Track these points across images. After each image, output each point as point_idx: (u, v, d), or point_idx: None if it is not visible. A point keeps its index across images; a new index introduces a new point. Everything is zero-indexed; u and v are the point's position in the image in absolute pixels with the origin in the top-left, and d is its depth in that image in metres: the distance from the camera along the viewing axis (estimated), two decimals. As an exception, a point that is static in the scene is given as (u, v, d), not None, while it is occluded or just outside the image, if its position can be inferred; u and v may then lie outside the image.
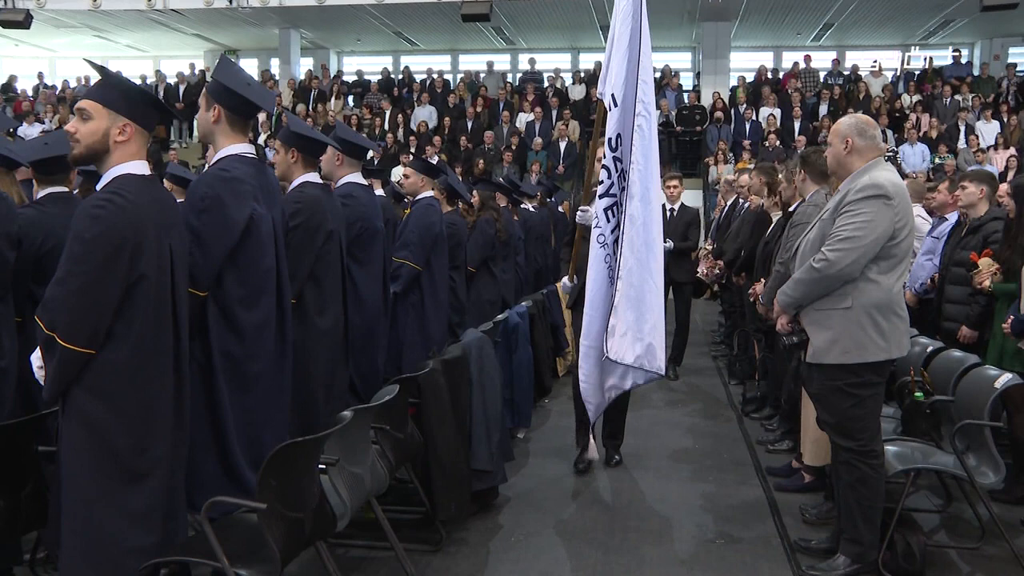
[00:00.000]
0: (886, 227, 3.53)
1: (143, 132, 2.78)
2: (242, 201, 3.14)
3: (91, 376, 2.60)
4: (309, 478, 2.94)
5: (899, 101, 16.25)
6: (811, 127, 15.24)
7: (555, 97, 16.91)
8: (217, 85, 3.24)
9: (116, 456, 2.63)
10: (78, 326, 2.56)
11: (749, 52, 19.35)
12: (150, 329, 2.67)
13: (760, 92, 16.55)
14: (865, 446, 3.63)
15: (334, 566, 3.23)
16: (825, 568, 3.76)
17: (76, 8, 16.67)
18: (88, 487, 2.63)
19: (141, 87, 2.95)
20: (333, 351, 3.88)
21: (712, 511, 4.63)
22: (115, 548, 2.64)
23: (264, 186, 3.30)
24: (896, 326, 3.61)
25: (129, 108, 2.73)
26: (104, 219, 2.58)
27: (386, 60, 20.47)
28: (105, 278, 2.57)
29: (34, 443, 3.00)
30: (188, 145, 16.79)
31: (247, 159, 3.26)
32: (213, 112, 3.22)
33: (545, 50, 20.03)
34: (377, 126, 16.68)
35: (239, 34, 19.49)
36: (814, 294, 3.64)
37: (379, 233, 4.42)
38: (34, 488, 2.98)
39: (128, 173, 2.70)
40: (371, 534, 3.77)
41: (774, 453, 5.63)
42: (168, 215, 2.80)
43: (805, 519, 4.43)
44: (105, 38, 19.66)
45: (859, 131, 3.70)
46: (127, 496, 2.65)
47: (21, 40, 19.06)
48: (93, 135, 2.70)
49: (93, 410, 2.61)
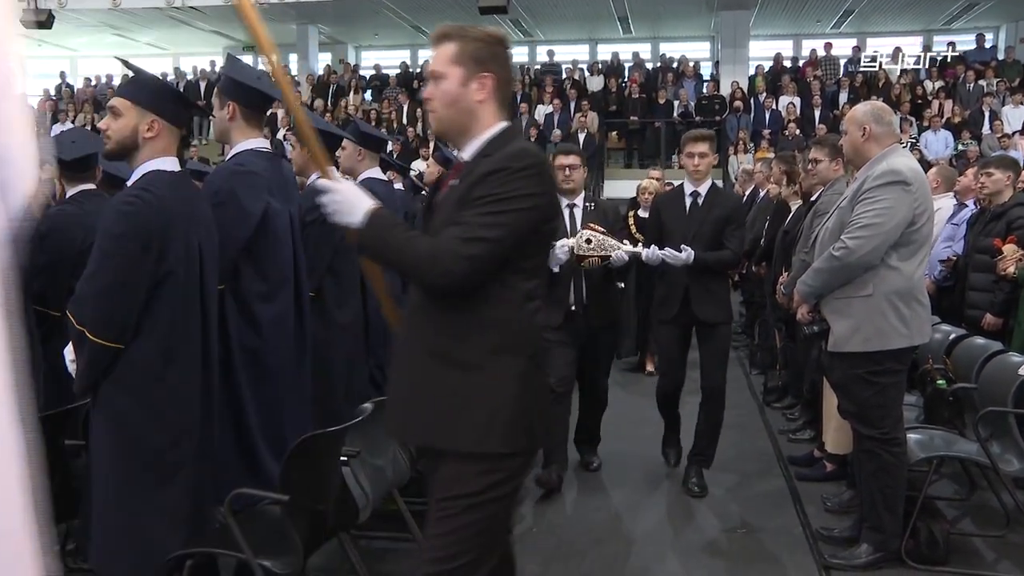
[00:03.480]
0: (905, 213, 3.50)
1: (173, 128, 2.81)
2: (256, 195, 3.16)
3: (120, 370, 2.64)
4: (331, 470, 2.97)
5: (921, 87, 16.08)
6: (832, 115, 15.12)
7: (573, 89, 16.85)
8: (228, 82, 3.26)
9: (144, 450, 2.66)
10: (106, 321, 2.60)
11: (768, 41, 19.22)
12: (177, 324, 2.71)
13: (779, 81, 16.43)
14: (887, 434, 3.61)
15: (357, 557, 3.25)
16: (847, 557, 3.75)
17: (97, 7, 16.81)
18: (117, 481, 2.67)
19: (168, 84, 2.98)
20: (353, 344, 3.90)
21: (734, 500, 4.62)
22: (144, 541, 2.68)
23: (280, 180, 3.32)
24: (917, 313, 3.58)
25: (157, 104, 2.76)
26: (132, 215, 2.62)
27: (404, 54, 20.49)
28: (133, 273, 2.61)
29: (61, 436, 3.04)
30: (208, 142, 16.89)
31: (262, 153, 3.29)
32: (227, 109, 3.24)
33: (563, 41, 19.99)
34: (396, 120, 16.71)
35: (257, 30, 19.52)
36: (834, 283, 3.62)
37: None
38: (62, 481, 3.02)
39: (158, 169, 2.74)
40: (393, 526, 3.79)
41: (796, 442, 5.60)
42: (197, 211, 2.83)
43: (827, 508, 4.42)
44: (125, 36, 19.80)
45: (876, 118, 3.68)
46: (156, 490, 2.69)
47: (43, 40, 19.24)
48: (123, 132, 2.74)
49: (122, 404, 2.65)
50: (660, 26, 19.51)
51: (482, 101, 2.19)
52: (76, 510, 3.12)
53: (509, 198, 2.06)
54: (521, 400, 2.13)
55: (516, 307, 2.14)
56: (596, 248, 4.39)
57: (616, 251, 4.42)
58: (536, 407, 2.18)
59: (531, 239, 2.13)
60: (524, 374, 2.14)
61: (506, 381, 2.13)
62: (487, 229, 2.05)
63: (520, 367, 2.14)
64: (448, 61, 2.19)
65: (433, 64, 2.21)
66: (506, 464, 2.15)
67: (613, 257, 4.42)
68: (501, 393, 2.12)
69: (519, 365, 2.14)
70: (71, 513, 3.14)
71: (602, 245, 4.40)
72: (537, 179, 2.11)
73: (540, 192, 2.11)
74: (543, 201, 2.13)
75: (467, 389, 2.12)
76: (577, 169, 4.69)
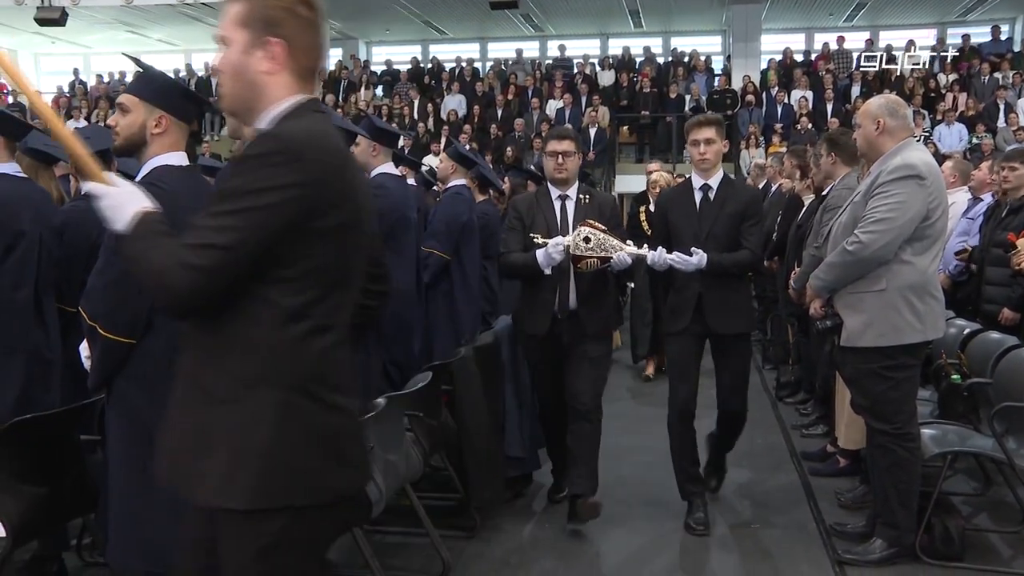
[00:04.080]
0: (919, 208, 3.48)
1: (181, 124, 2.81)
2: None
3: (132, 365, 2.65)
4: (344, 465, 2.97)
5: (934, 80, 15.98)
6: (844, 109, 15.03)
7: (584, 83, 16.82)
8: None
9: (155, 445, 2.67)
10: (117, 316, 2.61)
11: (780, 35, 19.11)
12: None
13: (792, 75, 16.36)
14: (901, 429, 3.60)
15: (370, 552, 3.26)
16: (861, 552, 3.74)
17: (110, 4, 16.86)
18: (131, 475, 2.68)
19: (176, 80, 2.98)
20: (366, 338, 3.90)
21: (747, 496, 4.62)
22: (157, 536, 2.69)
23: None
24: (932, 307, 3.57)
25: (164, 101, 2.76)
26: None
27: (415, 49, 20.47)
28: None
29: (76, 432, 3.05)
30: (220, 138, 16.93)
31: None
32: None
33: (574, 36, 19.92)
34: (407, 115, 16.72)
35: (269, 26, 19.57)
36: (848, 277, 3.61)
37: (412, 223, 4.45)
38: (77, 476, 3.03)
39: (165, 164, 2.75)
40: (406, 521, 3.81)
41: (809, 438, 5.59)
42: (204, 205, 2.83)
43: (840, 503, 4.41)
44: (138, 33, 19.85)
45: (890, 111, 3.65)
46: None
47: (57, 37, 19.32)
48: (131, 128, 2.74)
49: (134, 399, 2.66)
50: (671, 20, 19.44)
51: (270, 72, 1.80)
52: (93, 505, 3.14)
53: (248, 192, 1.66)
54: (279, 443, 1.69)
55: (275, 328, 1.71)
56: (595, 248, 3.89)
57: (618, 252, 3.89)
58: (310, 451, 1.72)
59: (292, 242, 1.69)
60: (288, 411, 1.70)
61: (260, 419, 1.69)
62: (218, 233, 1.65)
63: (281, 401, 1.70)
64: (233, 23, 1.82)
65: (219, 26, 1.86)
66: (266, 526, 1.69)
67: (614, 259, 3.90)
68: (252, 434, 1.69)
69: (280, 399, 1.70)
70: (88, 508, 3.16)
71: (602, 245, 3.89)
72: (289, 167, 1.67)
73: (293, 183, 1.67)
74: (299, 193, 1.67)
75: (212, 427, 1.72)
76: (572, 156, 4.15)
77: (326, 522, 1.80)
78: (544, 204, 4.17)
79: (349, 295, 1.84)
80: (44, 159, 3.92)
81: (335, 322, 1.78)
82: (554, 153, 4.14)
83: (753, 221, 4.14)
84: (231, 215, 1.66)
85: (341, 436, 1.79)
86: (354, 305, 1.88)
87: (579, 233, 3.91)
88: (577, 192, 4.20)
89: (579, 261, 3.92)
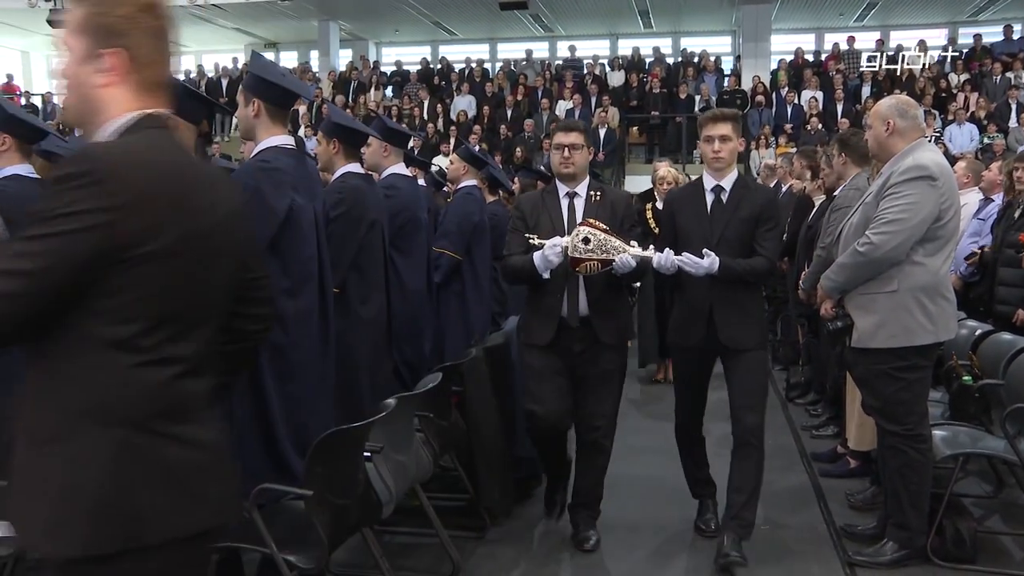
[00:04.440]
0: (931, 209, 3.47)
1: (189, 126, 2.83)
2: (282, 191, 3.17)
3: None
4: (355, 465, 2.99)
5: (945, 80, 15.91)
6: (854, 110, 14.98)
7: (594, 84, 16.80)
8: (254, 79, 3.27)
9: None
10: None
11: (790, 35, 19.06)
12: None
13: (801, 75, 16.31)
14: (912, 430, 3.59)
15: (380, 552, 3.27)
16: (872, 554, 3.73)
17: (120, 6, 16.94)
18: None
19: (184, 82, 2.99)
20: (377, 340, 3.91)
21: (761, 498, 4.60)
22: None
23: (304, 177, 3.33)
24: (943, 309, 3.56)
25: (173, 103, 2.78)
26: None
27: (424, 50, 20.49)
28: None
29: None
30: (229, 139, 16.98)
31: (287, 150, 3.29)
32: (252, 107, 3.25)
33: (584, 37, 19.91)
34: (416, 116, 16.74)
35: (278, 27, 19.65)
36: (859, 278, 3.60)
37: (422, 223, 4.46)
38: None
39: None
40: (416, 521, 3.81)
41: (819, 439, 5.58)
42: None
43: (851, 505, 4.40)
44: (149, 35, 19.94)
45: (900, 112, 3.64)
46: None
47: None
48: None
49: None
50: (681, 20, 19.41)
51: (106, 85, 1.67)
52: None
53: (51, 218, 1.51)
54: (114, 483, 1.56)
55: (100, 361, 1.57)
56: (596, 250, 3.59)
57: (620, 255, 3.58)
58: (153, 489, 1.59)
59: (106, 269, 1.54)
60: (122, 447, 1.57)
61: (91, 458, 1.56)
62: (21, 260, 1.51)
63: (113, 438, 1.56)
64: (72, 29, 1.69)
65: (61, 32, 1.74)
66: (105, 571, 1.57)
67: (617, 262, 3.58)
68: (82, 474, 1.56)
69: (112, 436, 1.56)
70: None
71: (603, 246, 3.58)
72: (91, 190, 1.51)
73: (98, 207, 1.51)
74: (105, 219, 1.51)
75: (38, 469, 1.58)
76: (579, 150, 3.84)
77: (185, 559, 1.67)
78: (550, 203, 3.89)
79: (194, 323, 1.68)
80: (58, 161, 3.94)
81: (176, 353, 1.63)
82: (560, 146, 3.85)
83: (769, 226, 3.79)
84: (35, 240, 1.51)
85: (191, 471, 1.65)
86: (213, 332, 1.74)
87: (578, 233, 3.61)
88: (588, 189, 3.89)
89: (578, 264, 3.61)
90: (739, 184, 3.85)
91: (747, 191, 3.85)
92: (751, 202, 3.78)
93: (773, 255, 3.85)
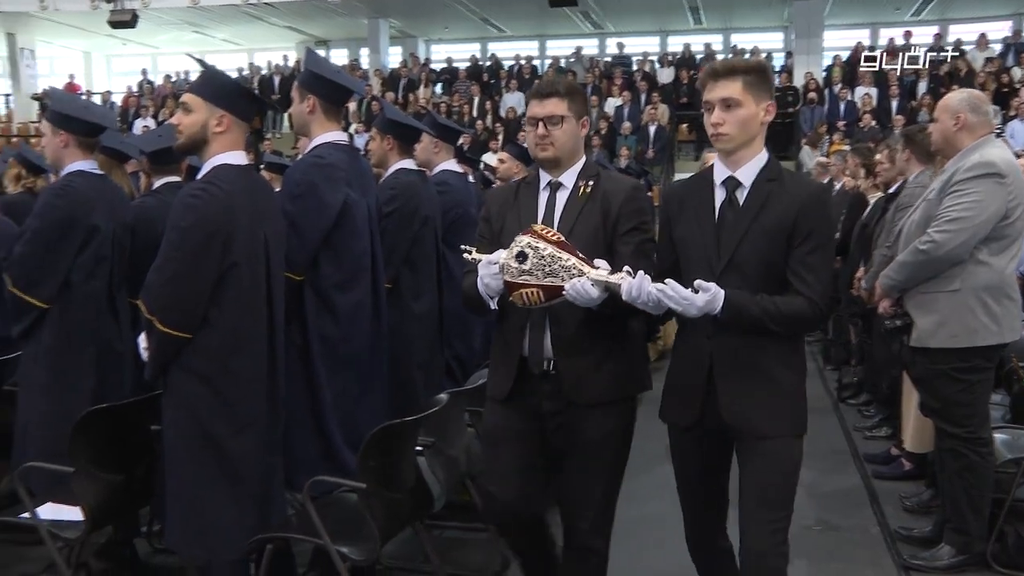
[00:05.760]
0: (998, 207, 3.39)
1: (240, 123, 2.87)
2: (336, 187, 3.21)
3: (188, 359, 2.72)
4: (407, 459, 3.01)
5: (1008, 75, 15.51)
6: (910, 106, 14.70)
7: (644, 81, 16.71)
8: (309, 75, 3.31)
9: (212, 437, 2.73)
10: (173, 311, 2.68)
11: (843, 30, 18.76)
12: (243, 315, 2.77)
13: (855, 71, 16.03)
14: (973, 433, 3.51)
15: (430, 546, 3.29)
16: (928, 558, 3.66)
17: (177, 5, 17.28)
18: (187, 466, 2.75)
19: (237, 80, 3.05)
20: (429, 334, 3.93)
21: (809, 497, 4.54)
22: (213, 525, 2.76)
23: (358, 173, 3.36)
24: (1008, 309, 3.47)
25: (225, 100, 2.83)
26: (198, 208, 2.69)
27: (474, 47, 20.56)
28: (198, 265, 2.68)
29: (147, 422, 3.13)
30: (280, 135, 17.21)
31: (341, 146, 3.33)
32: (307, 103, 3.29)
33: (633, 33, 19.82)
34: (466, 113, 16.79)
35: (329, 25, 19.86)
36: (919, 277, 3.53)
37: (473, 219, 4.46)
38: (148, 464, 3.11)
39: (225, 163, 2.81)
40: (465, 516, 3.82)
41: (872, 440, 5.49)
42: (263, 203, 2.89)
43: (905, 507, 4.32)
44: (203, 33, 20.28)
45: (972, 107, 3.55)
46: (222, 476, 2.75)
47: (128, 39, 19.85)
48: (193, 127, 2.81)
49: (190, 391, 2.73)
50: (732, 16, 19.22)
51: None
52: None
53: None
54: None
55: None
56: (534, 271, 2.40)
57: (575, 280, 2.37)
58: None
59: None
60: None
61: None
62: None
63: None
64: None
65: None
66: None
67: (567, 291, 2.38)
68: None
69: None
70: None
71: (546, 267, 2.39)
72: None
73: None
74: None
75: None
76: (561, 123, 2.64)
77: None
78: (525, 198, 2.74)
79: None
80: (117, 157, 4.03)
81: None
82: (533, 120, 2.66)
83: (814, 244, 2.41)
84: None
85: None
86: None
87: (515, 246, 2.45)
88: (578, 177, 2.71)
89: (513, 290, 2.44)
90: (765, 175, 2.49)
91: (779, 187, 2.47)
92: (783, 204, 2.44)
93: (819, 291, 2.41)
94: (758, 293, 2.40)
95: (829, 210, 2.58)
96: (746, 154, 2.50)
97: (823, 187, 2.95)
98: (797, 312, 2.41)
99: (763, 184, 2.48)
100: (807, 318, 2.43)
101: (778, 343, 2.46)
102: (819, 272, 2.43)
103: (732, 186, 2.51)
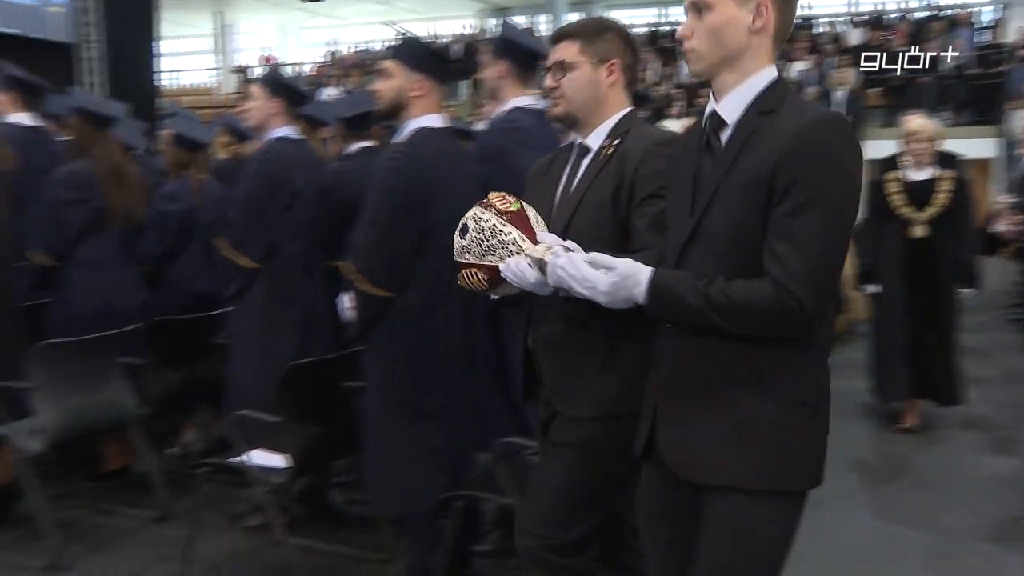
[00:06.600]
0: None
1: (438, 87, 2.93)
2: (526, 151, 3.21)
3: (391, 317, 2.81)
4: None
5: None
6: None
7: (831, 43, 15.87)
8: (502, 41, 3.34)
9: (409, 394, 2.83)
10: (378, 271, 2.78)
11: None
12: (441, 275, 2.82)
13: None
14: None
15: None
16: None
17: (362, -23, 17.91)
18: (384, 421, 2.86)
19: (434, 45, 3.11)
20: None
21: (1015, 485, 4.22)
22: (408, 480, 2.85)
23: (547, 137, 3.35)
24: None
25: (423, 65, 2.90)
26: (398, 171, 2.78)
27: (651, 12, 20.17)
28: (399, 226, 2.77)
29: (344, 378, 3.27)
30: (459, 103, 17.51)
31: (532, 111, 3.34)
32: (499, 68, 3.32)
33: (820, -6, 18.87)
34: (644, 80, 16.53)
35: (509, -8, 20.03)
36: None
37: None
38: (344, 419, 3.26)
39: (423, 126, 2.87)
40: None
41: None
42: (459, 166, 2.95)
43: None
44: (386, 3, 20.91)
45: None
46: (418, 433, 2.85)
47: (317, 12, 20.76)
48: (393, 91, 2.90)
49: (389, 350, 2.83)
50: (932, -29, 17.91)
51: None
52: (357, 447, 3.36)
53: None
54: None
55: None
56: (472, 248, 2.01)
57: (510, 261, 1.94)
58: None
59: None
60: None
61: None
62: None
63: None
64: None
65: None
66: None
67: (502, 270, 1.95)
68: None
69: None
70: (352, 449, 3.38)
71: (486, 243, 1.98)
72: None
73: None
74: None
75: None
76: (575, 70, 2.17)
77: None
78: (557, 166, 2.30)
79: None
80: (314, 123, 4.20)
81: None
82: (546, 70, 2.27)
83: (800, 202, 1.60)
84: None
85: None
86: None
87: (465, 219, 2.05)
88: (606, 137, 2.18)
89: (458, 270, 2.08)
90: (757, 107, 1.72)
91: (769, 122, 1.68)
92: (765, 145, 1.66)
93: (796, 272, 1.59)
94: (722, 273, 1.64)
95: (833, 154, 1.62)
96: (730, 79, 1.75)
97: (828, 119, 1.67)
98: (753, 301, 1.60)
99: (751, 119, 1.70)
100: (770, 311, 1.60)
101: (757, 350, 1.65)
102: (801, 244, 1.59)
103: (713, 126, 1.76)
